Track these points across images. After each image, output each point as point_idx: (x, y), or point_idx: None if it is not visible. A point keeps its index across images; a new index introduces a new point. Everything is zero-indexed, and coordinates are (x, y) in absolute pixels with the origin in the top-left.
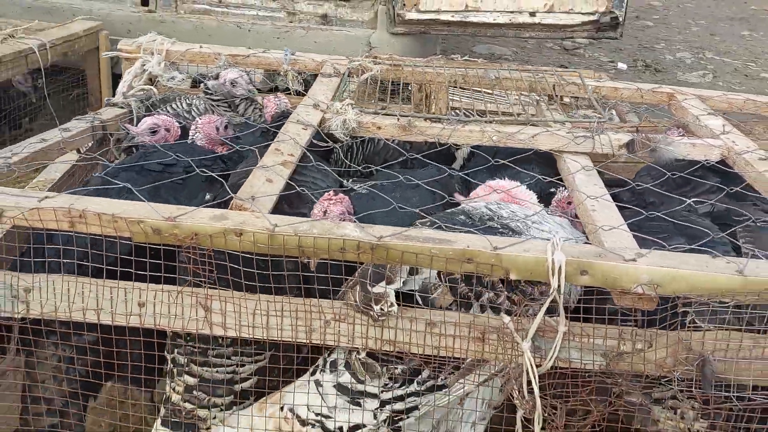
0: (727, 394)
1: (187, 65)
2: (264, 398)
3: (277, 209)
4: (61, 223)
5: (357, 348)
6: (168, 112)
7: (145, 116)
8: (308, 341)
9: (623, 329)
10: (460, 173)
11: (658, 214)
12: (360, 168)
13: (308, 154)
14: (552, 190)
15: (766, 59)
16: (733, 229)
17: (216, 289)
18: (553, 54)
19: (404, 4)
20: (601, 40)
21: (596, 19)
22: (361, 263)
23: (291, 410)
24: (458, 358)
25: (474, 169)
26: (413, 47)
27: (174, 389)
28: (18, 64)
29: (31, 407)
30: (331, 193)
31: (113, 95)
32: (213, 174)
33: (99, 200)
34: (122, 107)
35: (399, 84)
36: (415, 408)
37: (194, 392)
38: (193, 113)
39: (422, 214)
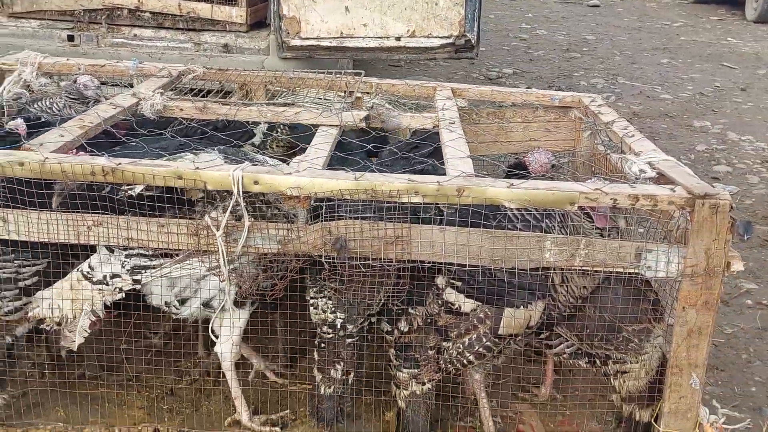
0: (355, 262)
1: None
2: None
3: None
4: None
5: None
6: (35, 108)
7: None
8: (78, 241)
9: (291, 225)
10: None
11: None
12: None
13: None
14: None
15: (673, 83)
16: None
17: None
18: (477, 83)
19: (288, 32)
20: (461, 59)
21: (452, 42)
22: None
23: (80, 272)
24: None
25: None
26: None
27: None
28: None
29: None
30: None
31: None
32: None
33: None
34: None
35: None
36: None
37: None
38: (54, 109)
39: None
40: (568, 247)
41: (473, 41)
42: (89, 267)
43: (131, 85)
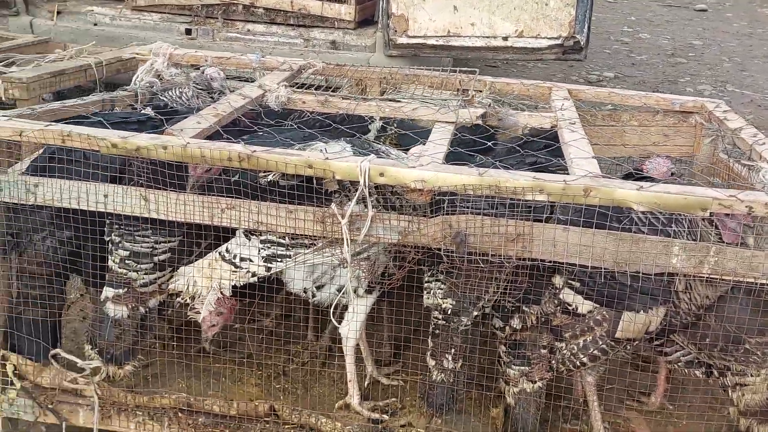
0: (475, 258)
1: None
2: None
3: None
4: (57, 139)
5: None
6: (166, 97)
7: (149, 100)
8: (211, 222)
9: (412, 217)
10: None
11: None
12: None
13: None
14: None
15: None
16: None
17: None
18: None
19: (396, 30)
20: (568, 60)
21: (560, 43)
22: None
23: (218, 253)
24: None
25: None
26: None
27: (114, 261)
28: (78, 76)
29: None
30: None
31: None
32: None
33: (80, 127)
34: (129, 91)
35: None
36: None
37: (126, 261)
38: (183, 98)
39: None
40: (697, 254)
41: (582, 43)
42: (226, 249)
43: (249, 79)
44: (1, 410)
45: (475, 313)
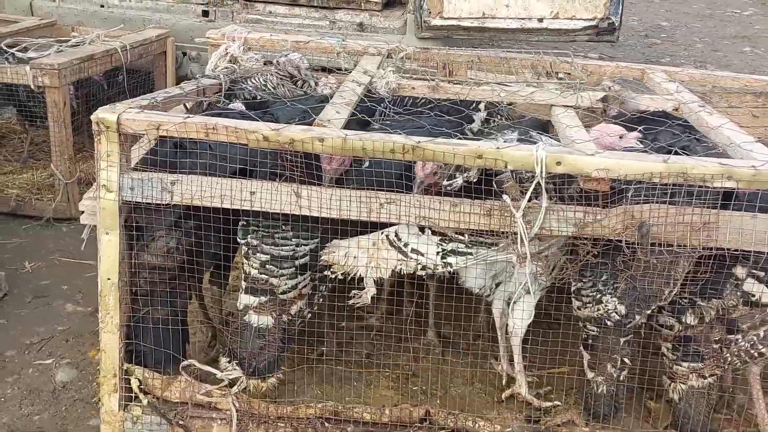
0: (659, 248)
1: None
2: None
3: None
4: (199, 133)
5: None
6: (249, 86)
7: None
8: (369, 218)
9: (587, 206)
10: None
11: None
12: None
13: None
14: None
15: (764, 72)
16: None
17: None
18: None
19: (430, 12)
20: (600, 42)
21: (595, 25)
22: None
23: (386, 235)
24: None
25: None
26: None
27: (252, 266)
28: (105, 61)
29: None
30: None
31: None
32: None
33: (224, 119)
34: (215, 79)
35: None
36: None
37: (267, 266)
38: (268, 86)
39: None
40: None
41: (616, 24)
42: (396, 235)
43: (323, 68)
44: (123, 429)
45: (648, 313)
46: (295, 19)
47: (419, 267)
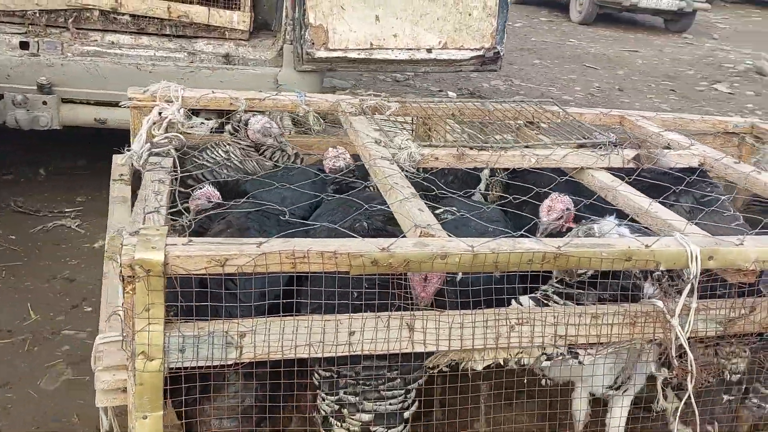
0: None
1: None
2: None
3: None
4: (285, 265)
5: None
6: (207, 160)
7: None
8: (496, 346)
9: (734, 301)
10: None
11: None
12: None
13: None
14: None
15: (560, 83)
16: None
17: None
18: (386, 85)
19: (313, 43)
20: (485, 71)
21: (482, 54)
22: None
23: None
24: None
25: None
26: (315, 84)
27: (348, 429)
28: None
29: None
30: None
31: None
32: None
33: (313, 240)
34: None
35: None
36: None
37: (371, 428)
38: (232, 161)
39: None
40: None
41: (501, 53)
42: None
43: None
44: None
45: None
46: (145, 51)
47: (543, 358)
